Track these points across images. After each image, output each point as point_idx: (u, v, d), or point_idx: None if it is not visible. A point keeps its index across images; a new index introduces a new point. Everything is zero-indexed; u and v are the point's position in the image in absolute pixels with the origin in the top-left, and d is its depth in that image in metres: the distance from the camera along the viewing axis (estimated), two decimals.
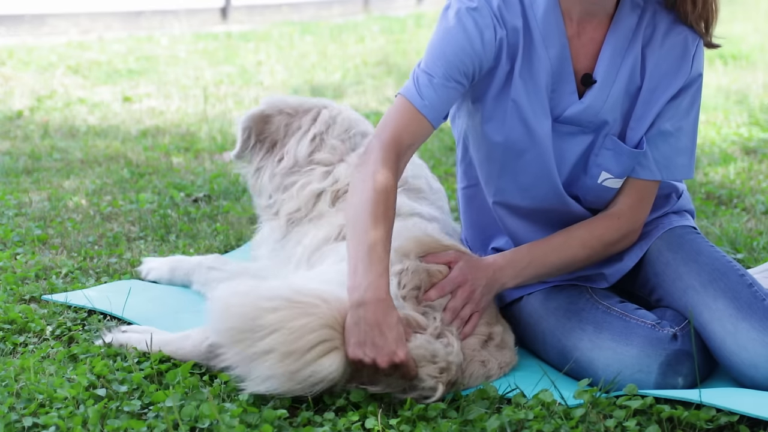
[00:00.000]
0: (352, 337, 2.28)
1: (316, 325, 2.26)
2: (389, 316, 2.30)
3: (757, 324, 2.45)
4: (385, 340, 2.27)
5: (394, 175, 2.47)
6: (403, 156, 2.51)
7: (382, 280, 2.32)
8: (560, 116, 2.60)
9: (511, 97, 2.57)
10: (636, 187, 2.66)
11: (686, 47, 2.57)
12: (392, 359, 2.28)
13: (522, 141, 2.60)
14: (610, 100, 2.58)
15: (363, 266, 2.33)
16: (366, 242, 2.36)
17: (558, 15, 2.54)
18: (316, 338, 2.25)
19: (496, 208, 2.75)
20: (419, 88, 2.52)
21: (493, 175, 2.68)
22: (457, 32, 2.52)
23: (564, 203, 2.67)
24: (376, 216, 2.39)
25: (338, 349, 2.28)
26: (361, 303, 2.29)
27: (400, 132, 2.50)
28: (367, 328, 2.27)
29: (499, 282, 2.59)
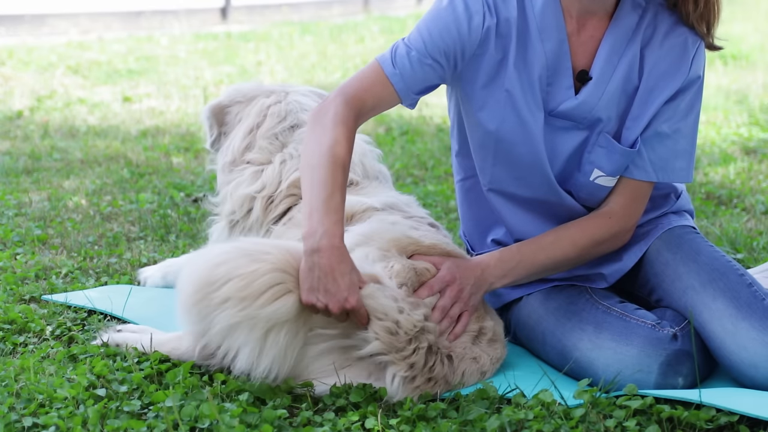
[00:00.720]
0: (306, 282, 2.32)
1: (267, 269, 2.30)
2: (343, 263, 2.34)
3: (757, 324, 2.45)
4: (337, 287, 2.31)
5: (352, 127, 2.50)
6: (362, 116, 2.55)
7: (338, 228, 2.36)
8: (555, 110, 2.60)
9: (505, 87, 2.58)
10: (630, 187, 2.66)
11: (686, 49, 2.57)
12: (343, 305, 2.32)
13: (514, 131, 2.60)
14: (605, 97, 2.58)
15: (318, 214, 2.37)
16: (322, 191, 2.39)
17: (557, 10, 2.55)
18: (268, 281, 2.29)
19: (491, 195, 2.75)
20: (394, 57, 2.55)
21: (487, 162, 2.69)
22: (446, 14, 2.54)
23: (558, 196, 2.67)
24: (333, 168, 2.42)
25: (292, 292, 2.32)
26: (316, 249, 2.33)
27: (364, 92, 2.54)
28: (321, 274, 2.31)
29: (487, 281, 2.59)
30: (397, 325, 2.37)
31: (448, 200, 4.35)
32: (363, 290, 2.37)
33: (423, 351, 2.39)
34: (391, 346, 2.36)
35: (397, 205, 2.82)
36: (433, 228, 2.76)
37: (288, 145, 3.06)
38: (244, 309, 2.27)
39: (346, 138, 2.48)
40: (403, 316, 2.38)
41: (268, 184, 3.00)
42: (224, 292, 2.27)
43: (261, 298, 2.28)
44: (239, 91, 3.20)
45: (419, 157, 5.34)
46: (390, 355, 2.36)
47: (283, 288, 2.32)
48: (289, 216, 2.94)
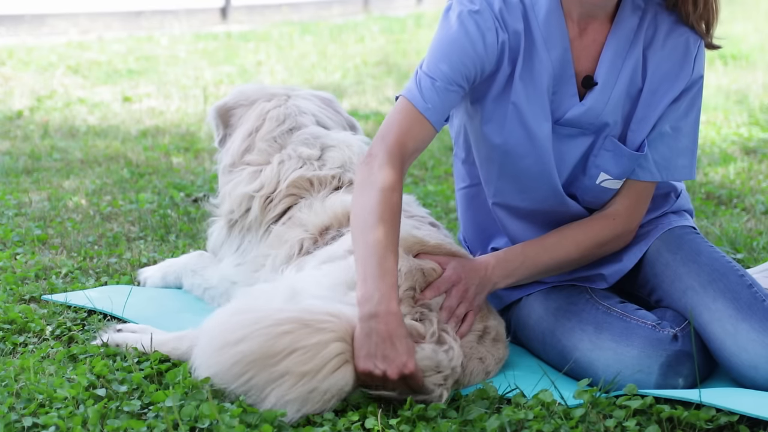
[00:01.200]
0: (363, 349, 2.27)
1: (330, 339, 2.25)
2: (400, 328, 2.30)
3: (757, 325, 2.45)
4: (396, 353, 2.27)
5: (399, 181, 2.45)
6: (407, 161, 2.50)
7: (393, 292, 2.32)
8: (561, 118, 2.59)
9: (512, 100, 2.56)
10: (634, 189, 2.66)
11: (688, 49, 2.57)
12: (402, 371, 2.27)
13: (521, 144, 2.59)
14: (611, 102, 2.58)
15: (373, 276, 2.32)
16: (375, 250, 2.35)
17: (560, 17, 2.54)
18: (330, 353, 2.25)
19: (495, 209, 2.75)
20: (422, 91, 2.50)
21: (492, 175, 2.68)
22: (459, 36, 2.51)
23: (563, 204, 2.67)
24: (383, 221, 2.38)
25: (349, 362, 2.28)
26: (373, 315, 2.29)
27: (404, 136, 2.49)
28: (379, 340, 2.27)
29: (491, 281, 2.59)
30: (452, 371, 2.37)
31: (448, 200, 4.35)
32: (417, 354, 2.33)
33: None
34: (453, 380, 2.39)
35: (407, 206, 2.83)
36: (434, 228, 2.76)
37: (286, 146, 3.06)
38: (305, 384, 2.22)
39: (395, 190, 2.43)
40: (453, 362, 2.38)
41: (267, 183, 3.00)
42: (285, 366, 2.21)
43: (322, 371, 2.23)
44: (243, 94, 3.21)
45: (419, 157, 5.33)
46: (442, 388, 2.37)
47: (342, 359, 2.26)
48: (289, 215, 2.94)
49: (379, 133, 2.51)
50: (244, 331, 2.24)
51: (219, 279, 3.07)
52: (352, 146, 3.06)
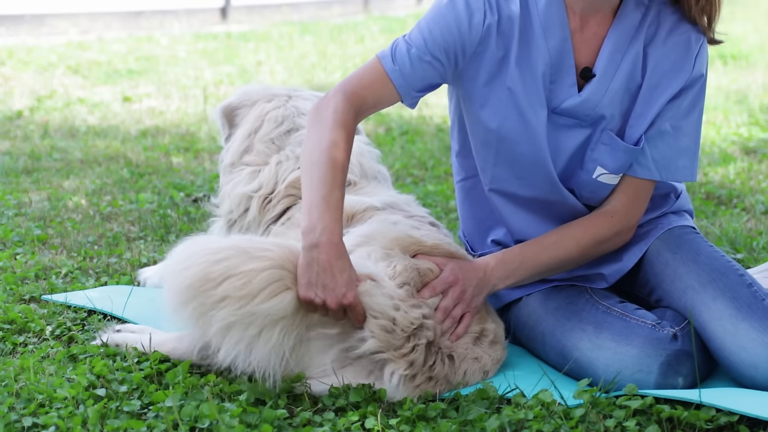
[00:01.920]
0: (304, 277, 2.33)
1: (266, 266, 2.31)
2: (341, 259, 2.35)
3: (757, 324, 2.45)
4: (335, 282, 2.32)
5: (352, 123, 2.51)
6: (362, 114, 2.56)
7: (337, 225, 2.37)
8: (558, 108, 2.60)
9: (507, 85, 2.57)
10: (632, 186, 2.66)
11: (689, 47, 2.57)
12: (341, 301, 2.32)
13: (516, 129, 2.60)
14: (608, 94, 2.58)
15: (318, 210, 2.38)
16: (321, 188, 2.40)
17: (561, 7, 2.55)
18: (267, 278, 2.30)
19: (492, 195, 2.74)
20: (394, 54, 2.56)
21: (488, 162, 2.69)
22: (447, 11, 2.55)
23: (560, 194, 2.67)
24: (332, 159, 2.44)
25: (290, 289, 2.33)
26: (315, 245, 2.34)
27: (364, 89, 2.55)
28: (319, 269, 2.32)
29: (490, 283, 2.59)
30: (393, 322, 2.38)
31: (448, 200, 4.35)
32: (360, 287, 2.37)
33: (422, 348, 2.39)
34: (388, 343, 2.37)
35: (397, 205, 2.83)
36: (434, 227, 2.76)
37: (285, 147, 3.08)
38: (241, 307, 2.27)
39: (344, 138, 2.48)
40: (399, 313, 2.38)
41: (265, 183, 3.01)
42: (222, 291, 2.28)
43: (259, 296, 2.29)
44: (247, 94, 3.22)
45: (419, 157, 5.34)
46: (388, 353, 2.36)
47: (281, 285, 2.32)
48: (288, 216, 2.94)
49: (339, 83, 2.58)
50: (188, 260, 2.32)
51: None
52: (363, 154, 3.08)
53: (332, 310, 2.34)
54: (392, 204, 2.81)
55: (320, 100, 2.56)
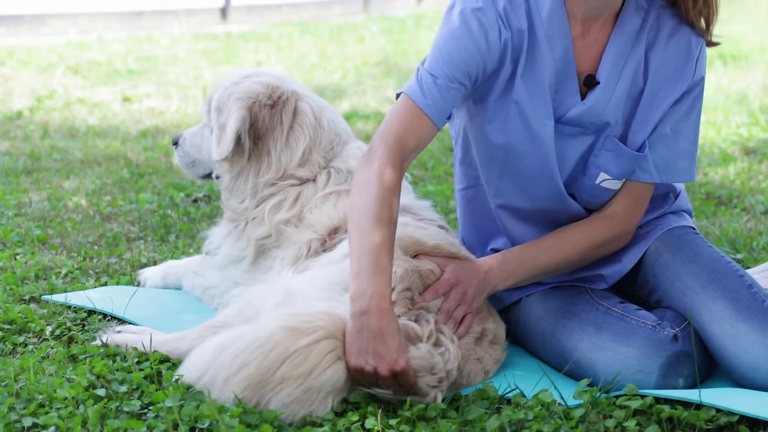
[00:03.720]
0: (354, 345, 2.28)
1: (319, 337, 2.26)
2: (392, 324, 2.30)
3: (757, 326, 2.45)
4: (387, 349, 2.27)
5: (398, 179, 2.46)
6: (407, 158, 2.50)
7: (387, 289, 2.32)
8: (562, 117, 2.59)
9: (514, 99, 2.56)
10: (633, 190, 2.66)
11: (690, 51, 2.57)
12: (393, 368, 2.27)
13: (523, 143, 2.59)
14: (612, 101, 2.58)
15: (367, 273, 2.32)
16: (370, 247, 2.35)
17: (563, 16, 2.54)
18: (322, 351, 2.25)
19: (498, 211, 2.74)
20: (423, 89, 2.50)
21: (493, 175, 2.68)
22: (461, 33, 2.50)
23: (564, 203, 2.67)
24: (380, 221, 2.38)
25: (341, 359, 2.28)
26: (365, 311, 2.28)
27: (405, 133, 2.49)
28: (370, 336, 2.27)
29: (490, 284, 2.59)
30: (447, 375, 2.37)
31: (448, 200, 4.35)
32: (411, 353, 2.33)
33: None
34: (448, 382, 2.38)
35: (410, 208, 2.81)
36: (443, 230, 2.74)
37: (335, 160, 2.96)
38: (300, 385, 2.23)
39: (393, 188, 2.43)
40: (448, 365, 2.37)
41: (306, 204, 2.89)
42: (280, 374, 2.23)
43: (316, 369, 2.24)
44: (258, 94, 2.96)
45: (419, 157, 5.34)
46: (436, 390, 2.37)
47: (334, 355, 2.27)
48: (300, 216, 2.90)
49: (379, 131, 2.51)
50: (241, 357, 2.25)
51: (221, 279, 3.05)
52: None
53: (382, 378, 2.28)
54: (405, 207, 2.78)
55: (365, 155, 2.49)
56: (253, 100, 2.94)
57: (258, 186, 2.96)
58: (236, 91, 2.97)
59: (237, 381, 2.24)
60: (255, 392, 2.24)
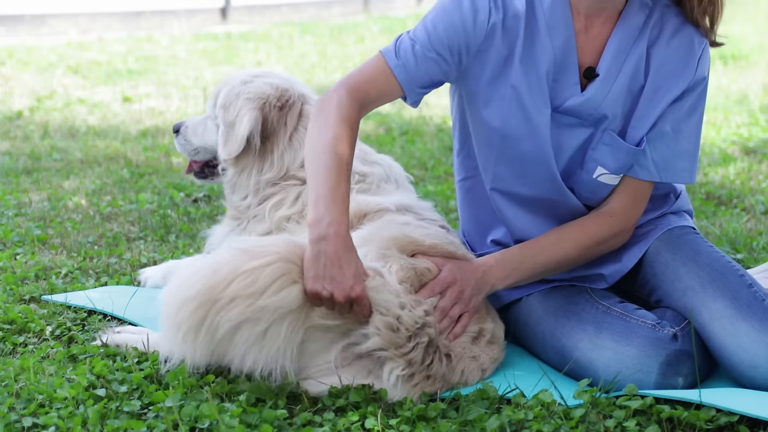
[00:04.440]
0: (311, 270, 2.31)
1: (271, 260, 2.29)
2: (349, 251, 2.33)
3: (757, 324, 2.45)
4: (343, 275, 2.30)
5: (356, 115, 2.51)
6: (365, 108, 2.55)
7: (344, 217, 2.36)
8: (560, 106, 2.60)
9: (511, 83, 2.57)
10: (632, 187, 2.66)
11: (692, 49, 2.58)
12: (349, 294, 2.30)
13: (520, 127, 2.60)
14: (611, 95, 2.59)
15: (325, 202, 2.36)
16: (327, 177, 2.39)
17: (566, 7, 2.55)
18: (274, 272, 2.28)
19: (493, 195, 2.74)
20: (398, 49, 2.56)
21: (490, 161, 2.69)
22: (452, 8, 2.55)
23: (562, 193, 2.67)
24: (337, 150, 2.43)
25: (297, 282, 2.31)
26: (323, 237, 2.32)
27: (366, 83, 2.54)
28: (327, 261, 2.30)
29: (488, 283, 2.59)
30: (398, 320, 2.37)
31: (448, 200, 4.35)
32: (368, 282, 2.36)
33: (422, 347, 2.39)
34: (391, 342, 2.36)
35: (412, 208, 2.81)
36: (443, 230, 2.75)
37: None
38: (251, 304, 2.25)
39: (348, 133, 2.48)
40: (405, 312, 2.38)
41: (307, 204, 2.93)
42: (230, 292, 2.25)
43: (268, 290, 2.26)
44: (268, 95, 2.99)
45: (419, 157, 5.34)
46: (389, 351, 2.36)
47: (288, 278, 2.30)
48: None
49: (342, 78, 2.57)
50: (191, 280, 2.28)
51: None
52: (392, 167, 3.05)
53: (339, 303, 2.32)
54: (407, 207, 2.80)
55: (323, 95, 2.56)
56: (264, 101, 2.99)
57: (260, 183, 2.99)
58: (246, 91, 3.01)
59: (186, 301, 2.25)
60: (205, 311, 2.24)
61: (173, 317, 2.28)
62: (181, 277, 2.32)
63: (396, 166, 3.08)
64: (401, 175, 3.06)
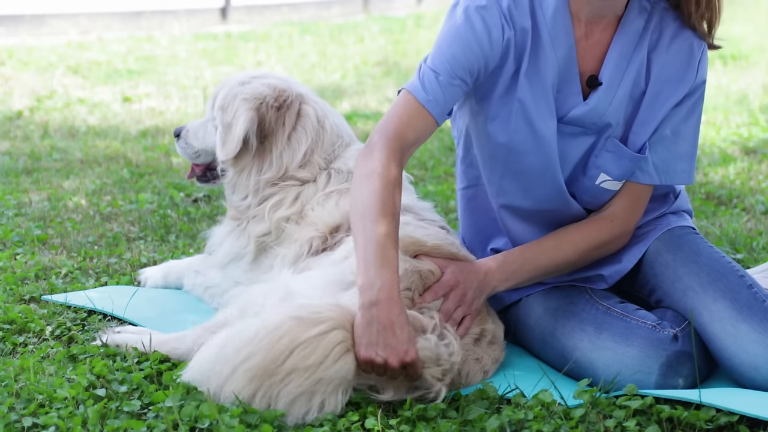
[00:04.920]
0: (364, 337, 2.27)
1: (328, 328, 2.25)
2: (401, 316, 2.30)
3: (757, 325, 2.45)
4: (397, 340, 2.27)
5: (399, 171, 2.46)
6: (407, 152, 2.51)
7: (395, 280, 2.32)
8: (564, 117, 2.60)
9: (517, 97, 2.56)
10: (632, 191, 2.66)
11: (692, 54, 2.57)
12: (404, 359, 2.27)
13: (526, 141, 2.59)
14: (614, 102, 2.58)
15: (374, 265, 2.32)
16: (375, 239, 2.35)
17: (567, 16, 2.54)
18: (331, 342, 2.25)
19: (501, 211, 2.74)
20: (424, 84, 2.51)
21: (495, 174, 2.68)
22: (465, 31, 2.51)
23: (566, 203, 2.67)
24: (384, 213, 2.38)
25: (350, 350, 2.28)
26: (375, 303, 2.28)
27: (404, 127, 2.50)
28: (380, 327, 2.27)
29: (490, 285, 2.59)
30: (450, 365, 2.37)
31: (448, 200, 4.35)
32: (418, 344, 2.33)
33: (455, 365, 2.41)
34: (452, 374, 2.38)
35: (412, 208, 2.81)
36: (444, 231, 2.74)
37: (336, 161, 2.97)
38: (309, 376, 2.22)
39: (394, 180, 2.43)
40: (453, 358, 2.37)
41: (307, 203, 2.91)
42: (289, 365, 2.21)
43: (326, 361, 2.23)
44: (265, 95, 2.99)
45: (419, 157, 5.34)
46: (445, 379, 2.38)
47: (344, 346, 2.26)
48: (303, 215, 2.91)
49: (379, 124, 2.52)
50: (247, 348, 2.23)
51: (222, 278, 3.05)
52: None
53: (392, 369, 2.28)
54: (407, 207, 2.79)
55: (364, 149, 2.50)
56: (261, 101, 2.98)
57: (260, 183, 2.98)
58: (243, 92, 3.00)
59: (242, 372, 2.22)
60: (262, 383, 2.22)
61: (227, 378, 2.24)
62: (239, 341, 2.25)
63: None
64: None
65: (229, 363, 2.24)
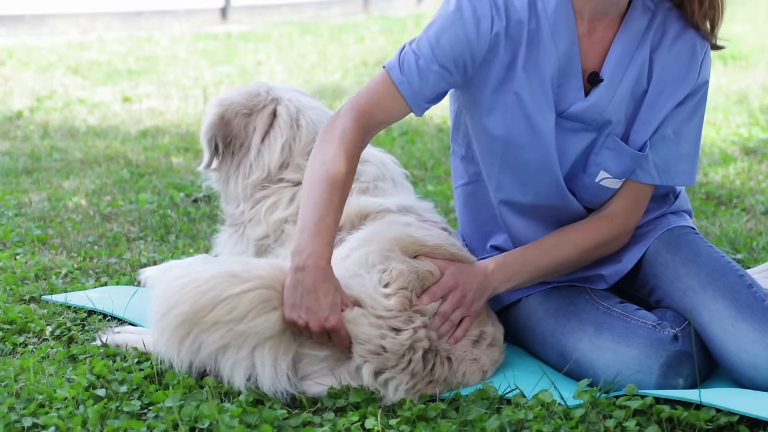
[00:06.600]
0: (289, 299, 2.35)
1: (253, 286, 2.34)
2: (327, 283, 2.36)
3: (757, 325, 2.45)
4: (318, 306, 2.34)
5: (360, 145, 2.51)
6: (371, 131, 2.55)
7: (326, 250, 2.38)
8: (564, 112, 2.60)
9: (514, 90, 2.56)
10: (633, 190, 2.66)
11: (694, 53, 2.57)
12: (323, 324, 2.34)
13: (523, 135, 2.59)
14: (615, 99, 2.58)
15: (309, 232, 2.38)
16: (318, 206, 2.41)
17: (569, 11, 2.54)
18: (254, 299, 2.33)
19: (500, 207, 2.74)
20: (402, 65, 2.53)
21: (493, 169, 2.68)
22: (454, 20, 2.52)
23: (565, 199, 2.67)
24: (333, 181, 2.44)
25: (277, 309, 2.36)
26: (302, 267, 2.35)
27: (374, 106, 2.53)
28: (304, 291, 2.34)
29: (490, 286, 2.59)
30: (382, 348, 2.38)
31: (448, 200, 4.35)
32: (346, 314, 2.38)
33: (419, 357, 2.39)
34: (383, 364, 2.38)
35: (413, 209, 2.81)
36: (445, 232, 2.74)
37: None
38: (231, 329, 2.32)
39: (348, 159, 2.47)
40: (387, 341, 2.38)
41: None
42: (212, 317, 2.32)
43: (247, 317, 2.32)
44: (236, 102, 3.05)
45: (419, 157, 5.34)
46: (387, 372, 2.38)
47: (268, 305, 2.35)
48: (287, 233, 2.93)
49: (351, 97, 2.56)
50: (177, 296, 2.35)
51: None
52: (386, 164, 3.04)
53: (315, 333, 2.36)
54: (408, 208, 2.79)
55: (332, 118, 2.55)
56: (226, 108, 3.04)
57: (248, 188, 3.01)
58: (214, 101, 3.09)
59: (172, 317, 2.34)
60: (190, 330, 2.33)
61: (159, 319, 2.37)
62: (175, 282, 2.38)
63: (389, 161, 3.07)
64: (397, 172, 3.05)
65: (163, 305, 2.36)
